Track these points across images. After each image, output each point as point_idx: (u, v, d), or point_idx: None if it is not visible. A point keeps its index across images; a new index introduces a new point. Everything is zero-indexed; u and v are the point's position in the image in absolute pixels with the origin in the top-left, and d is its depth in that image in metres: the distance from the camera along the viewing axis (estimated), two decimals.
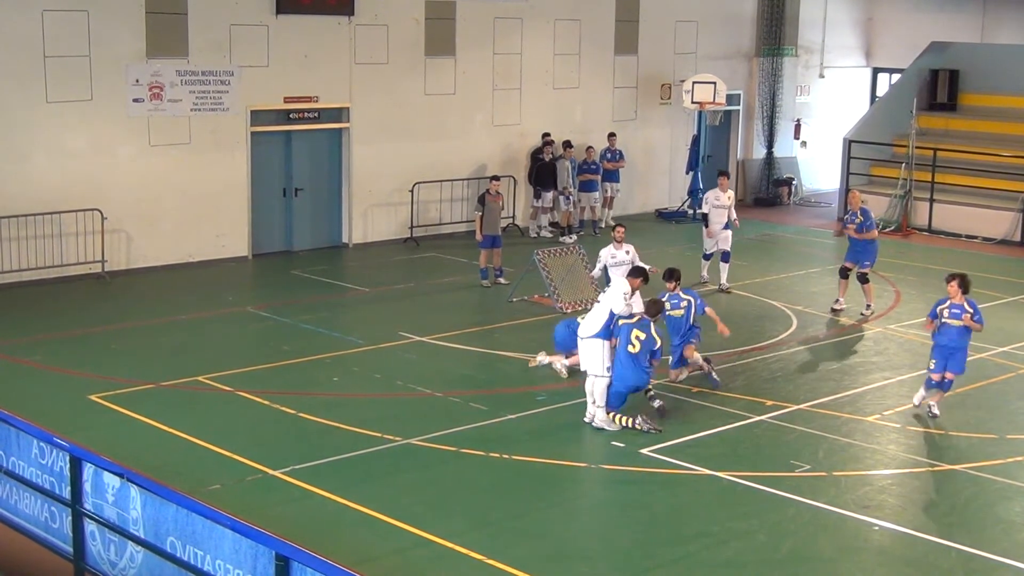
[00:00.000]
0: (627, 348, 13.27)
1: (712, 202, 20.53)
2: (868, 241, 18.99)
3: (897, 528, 11.05)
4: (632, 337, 13.28)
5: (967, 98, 29.14)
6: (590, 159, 25.48)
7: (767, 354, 16.55)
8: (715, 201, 20.48)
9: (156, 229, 21.06)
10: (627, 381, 13.32)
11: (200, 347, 16.44)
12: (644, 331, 13.30)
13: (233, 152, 21.80)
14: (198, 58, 21.08)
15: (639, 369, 13.30)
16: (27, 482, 9.79)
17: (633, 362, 13.27)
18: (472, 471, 12.22)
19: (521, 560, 10.11)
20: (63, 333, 16.91)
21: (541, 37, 25.87)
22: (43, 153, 19.75)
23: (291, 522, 10.58)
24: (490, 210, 20.23)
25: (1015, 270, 22.94)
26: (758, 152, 30.70)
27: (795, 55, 31.20)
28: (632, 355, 13.25)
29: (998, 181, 26.36)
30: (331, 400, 14.26)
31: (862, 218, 19.31)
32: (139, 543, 8.62)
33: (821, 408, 14.30)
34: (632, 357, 13.26)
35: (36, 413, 12.32)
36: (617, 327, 13.44)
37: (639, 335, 13.27)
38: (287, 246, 23.00)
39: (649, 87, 28.16)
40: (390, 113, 23.72)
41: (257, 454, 12.30)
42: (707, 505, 11.52)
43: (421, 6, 23.91)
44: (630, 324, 13.39)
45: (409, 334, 17.08)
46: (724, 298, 19.61)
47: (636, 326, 13.35)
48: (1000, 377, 15.75)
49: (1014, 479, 12.24)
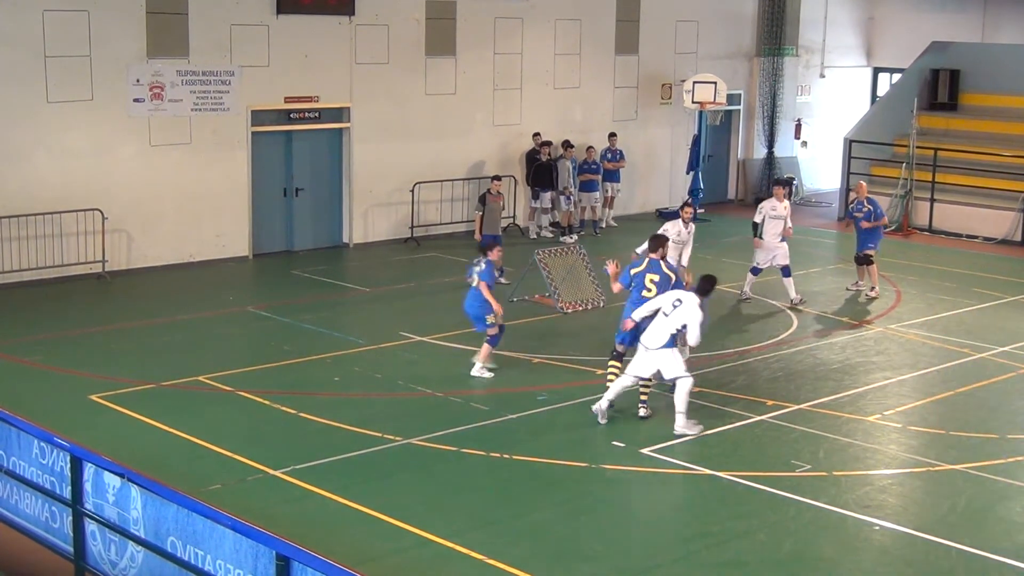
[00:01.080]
0: (643, 294, 13.70)
1: (768, 212, 19.29)
2: (874, 228, 19.08)
3: (898, 528, 11.05)
4: (647, 282, 13.73)
5: (968, 98, 29.13)
6: (591, 159, 25.48)
7: (767, 354, 16.55)
8: (771, 211, 19.25)
9: (157, 229, 21.07)
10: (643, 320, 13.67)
11: (201, 347, 16.44)
12: (656, 272, 13.77)
13: (234, 152, 21.80)
14: (199, 58, 21.08)
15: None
16: (28, 482, 9.79)
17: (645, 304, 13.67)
18: (473, 471, 12.22)
19: (522, 560, 10.11)
20: (64, 333, 16.91)
21: (542, 37, 25.87)
22: (44, 153, 19.75)
23: (292, 522, 10.58)
24: (490, 210, 20.23)
25: (1015, 270, 22.94)
26: (759, 152, 30.70)
27: (796, 55, 31.20)
28: (648, 299, 13.64)
29: (999, 181, 26.37)
30: (332, 400, 14.26)
31: (870, 207, 19.43)
32: (140, 543, 8.62)
33: (822, 408, 14.30)
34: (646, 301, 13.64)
35: (37, 413, 12.32)
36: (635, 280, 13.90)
37: (652, 278, 13.74)
38: (288, 246, 23.01)
39: (650, 87, 28.16)
40: (391, 113, 23.72)
41: (258, 454, 12.30)
42: (707, 505, 11.53)
43: (422, 6, 23.91)
44: (642, 271, 13.83)
45: (410, 334, 17.08)
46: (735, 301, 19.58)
47: (647, 271, 13.79)
48: (1001, 377, 15.75)
49: (1015, 479, 12.24)
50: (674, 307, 13.16)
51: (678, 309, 13.14)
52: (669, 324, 13.16)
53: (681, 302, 13.14)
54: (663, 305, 13.32)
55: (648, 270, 13.86)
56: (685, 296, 13.23)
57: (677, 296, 13.28)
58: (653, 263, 13.90)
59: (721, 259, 23.11)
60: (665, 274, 13.81)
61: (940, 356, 16.61)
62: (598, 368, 15.57)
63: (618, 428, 13.38)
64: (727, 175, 30.77)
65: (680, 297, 13.23)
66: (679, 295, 13.30)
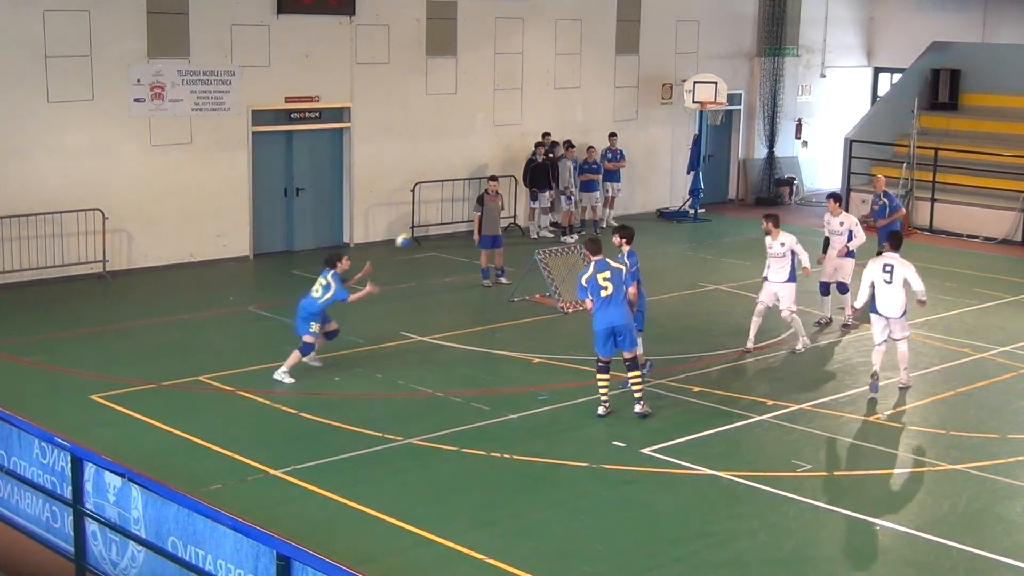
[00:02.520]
0: (600, 295, 13.47)
1: (827, 227, 18.05)
2: (890, 224, 19.08)
3: (898, 528, 11.04)
4: (600, 282, 13.47)
5: (968, 98, 29.13)
6: (591, 159, 25.48)
7: (768, 354, 16.55)
8: (828, 226, 18.00)
9: (157, 229, 21.07)
10: (609, 319, 13.45)
11: (201, 347, 16.45)
12: (606, 269, 13.52)
13: (234, 152, 21.80)
14: (199, 58, 21.08)
15: (616, 304, 13.46)
16: (28, 482, 9.79)
17: (607, 303, 13.45)
18: (473, 471, 12.22)
19: (522, 560, 10.11)
20: (64, 333, 16.92)
21: (542, 37, 25.87)
22: (44, 153, 19.75)
23: (292, 522, 10.58)
24: (489, 210, 20.23)
25: (1016, 270, 22.93)
26: (759, 152, 30.69)
27: (796, 55, 31.19)
28: (607, 298, 13.43)
29: (999, 181, 26.36)
30: (332, 400, 14.27)
31: (885, 200, 19.47)
32: (140, 543, 8.63)
33: (822, 408, 14.30)
34: (607, 300, 13.44)
35: (37, 413, 12.34)
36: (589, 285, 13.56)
37: (604, 276, 13.49)
38: (288, 246, 23.00)
39: (650, 87, 28.16)
40: (391, 113, 23.72)
41: (258, 454, 12.31)
42: (708, 505, 11.52)
43: (422, 6, 23.91)
44: (591, 275, 13.54)
45: (410, 334, 17.09)
46: (739, 299, 19.58)
47: (596, 272, 13.52)
48: (1001, 377, 15.75)
49: (1015, 479, 12.23)
50: (888, 272, 14.50)
51: (895, 271, 14.46)
52: (895, 288, 14.45)
53: (892, 266, 14.50)
54: (876, 278, 14.58)
55: (597, 271, 13.53)
56: (892, 259, 14.59)
57: (884, 263, 14.57)
58: (599, 263, 13.58)
59: (720, 259, 23.14)
60: (615, 268, 13.58)
61: (941, 356, 16.60)
62: None
63: (618, 428, 13.38)
64: (727, 175, 30.75)
65: (887, 263, 14.57)
66: (886, 262, 14.58)
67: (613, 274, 13.54)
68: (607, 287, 13.48)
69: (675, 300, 19.54)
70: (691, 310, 19.03)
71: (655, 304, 19.16)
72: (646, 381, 14.25)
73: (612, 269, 13.57)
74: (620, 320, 13.48)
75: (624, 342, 13.57)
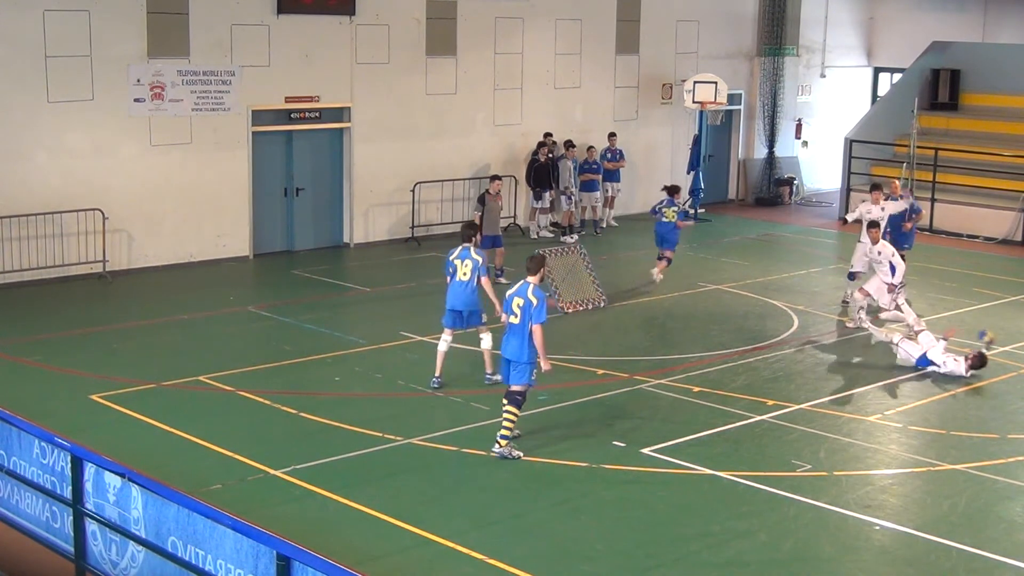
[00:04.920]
0: (510, 320, 12.51)
1: (864, 214, 18.36)
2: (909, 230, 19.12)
3: (898, 528, 11.05)
4: (513, 307, 12.51)
5: (968, 98, 29.13)
6: (591, 159, 25.48)
7: (768, 354, 16.55)
8: (867, 214, 18.26)
9: (157, 229, 21.07)
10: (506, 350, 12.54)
11: (201, 347, 16.45)
12: (521, 296, 12.46)
13: (234, 152, 21.80)
14: (199, 58, 21.08)
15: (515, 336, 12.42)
16: (28, 482, 9.80)
17: (510, 331, 12.50)
18: (473, 471, 12.22)
19: (522, 560, 10.11)
20: (64, 333, 16.92)
21: (542, 37, 25.87)
22: (44, 153, 19.75)
23: (292, 522, 10.58)
24: (490, 210, 20.23)
25: (1016, 270, 22.93)
26: (759, 152, 30.70)
27: (796, 55, 31.20)
28: (514, 325, 12.46)
29: (999, 181, 26.37)
30: (332, 400, 14.27)
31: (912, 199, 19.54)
32: (140, 543, 8.63)
33: (822, 408, 14.30)
34: (511, 327, 12.51)
35: (37, 413, 12.34)
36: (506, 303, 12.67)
37: (518, 302, 12.47)
38: (288, 246, 23.00)
39: (650, 87, 28.16)
40: (391, 113, 23.72)
41: (258, 454, 12.30)
42: (708, 505, 11.52)
43: (422, 6, 23.91)
44: (511, 295, 12.59)
45: (410, 334, 17.08)
46: (739, 299, 19.57)
47: (515, 294, 12.53)
48: (1001, 377, 15.75)
49: (1015, 479, 12.24)
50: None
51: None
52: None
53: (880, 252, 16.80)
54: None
55: (516, 293, 12.53)
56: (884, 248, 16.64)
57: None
58: (522, 287, 12.54)
59: (720, 259, 23.13)
60: (528, 299, 12.35)
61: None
62: (599, 368, 15.61)
63: (618, 428, 13.39)
64: (727, 175, 30.76)
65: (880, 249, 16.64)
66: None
67: (524, 304, 12.40)
68: (516, 315, 12.43)
69: (675, 300, 19.54)
70: (691, 310, 19.02)
71: (655, 304, 19.24)
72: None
73: (526, 299, 12.39)
74: (513, 355, 12.46)
75: (514, 376, 12.51)
